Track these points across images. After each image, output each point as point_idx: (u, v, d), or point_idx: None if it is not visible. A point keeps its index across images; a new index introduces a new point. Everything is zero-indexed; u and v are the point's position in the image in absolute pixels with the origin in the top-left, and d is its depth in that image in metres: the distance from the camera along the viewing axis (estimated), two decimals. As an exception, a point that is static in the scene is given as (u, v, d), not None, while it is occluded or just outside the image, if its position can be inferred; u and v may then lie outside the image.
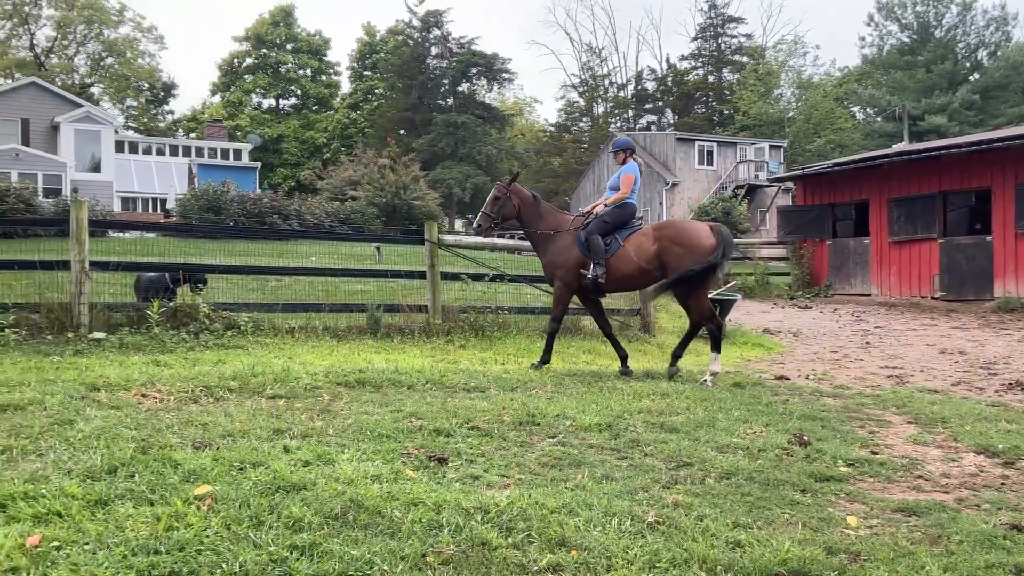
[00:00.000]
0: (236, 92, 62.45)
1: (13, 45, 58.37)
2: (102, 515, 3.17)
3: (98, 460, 3.80)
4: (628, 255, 7.82)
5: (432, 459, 4.21)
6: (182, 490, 3.46)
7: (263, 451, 4.11)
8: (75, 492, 3.35)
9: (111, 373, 6.09)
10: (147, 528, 3.05)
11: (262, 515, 3.23)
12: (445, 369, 7.08)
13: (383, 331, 9.58)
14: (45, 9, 57.54)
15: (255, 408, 5.17)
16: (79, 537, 2.94)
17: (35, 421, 4.52)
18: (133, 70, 59.91)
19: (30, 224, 15.62)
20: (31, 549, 2.80)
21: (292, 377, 6.15)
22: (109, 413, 4.80)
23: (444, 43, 57.42)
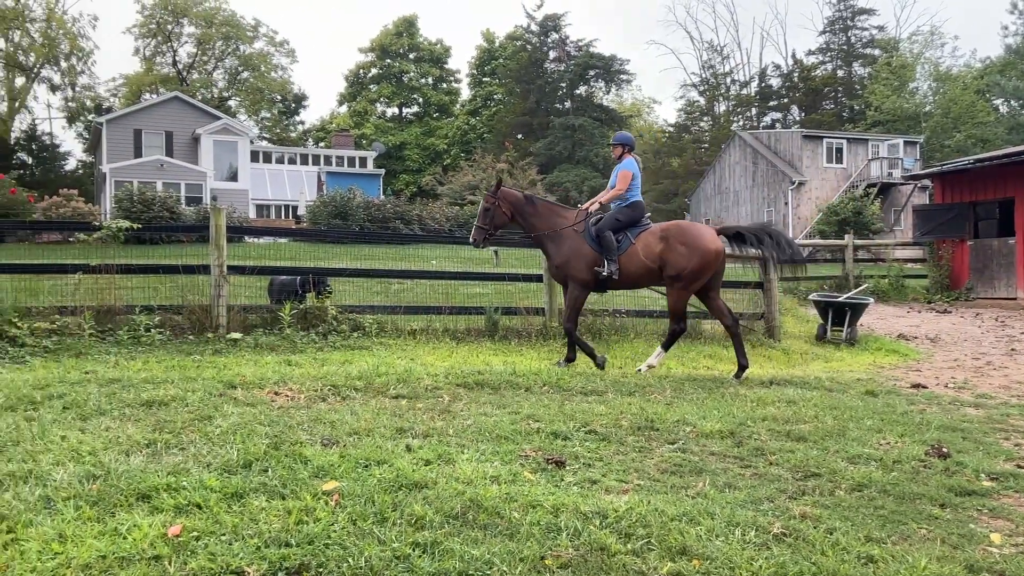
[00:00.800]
0: (362, 102, 64.63)
1: (158, 62, 62.49)
2: (238, 507, 3.33)
3: (234, 455, 4.01)
4: (637, 253, 7.86)
5: (550, 462, 4.22)
6: (311, 485, 3.60)
7: (387, 449, 4.23)
8: (213, 485, 3.54)
9: (247, 372, 6.41)
10: (279, 521, 3.18)
11: (386, 512, 3.32)
12: (562, 372, 7.09)
13: (501, 333, 9.68)
14: (186, 27, 61.30)
15: (379, 407, 5.32)
16: (216, 528, 3.10)
17: (177, 416, 4.81)
18: (267, 83, 62.96)
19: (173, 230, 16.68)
20: (173, 539, 2.98)
21: (414, 378, 6.29)
22: (245, 410, 5.05)
23: (562, 47, 57.57)
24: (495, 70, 64.39)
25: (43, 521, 3.10)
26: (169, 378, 6.02)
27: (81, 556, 2.80)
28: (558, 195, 45.18)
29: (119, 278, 8.73)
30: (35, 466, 3.73)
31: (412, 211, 29.44)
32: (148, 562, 2.80)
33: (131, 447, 4.13)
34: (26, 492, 3.39)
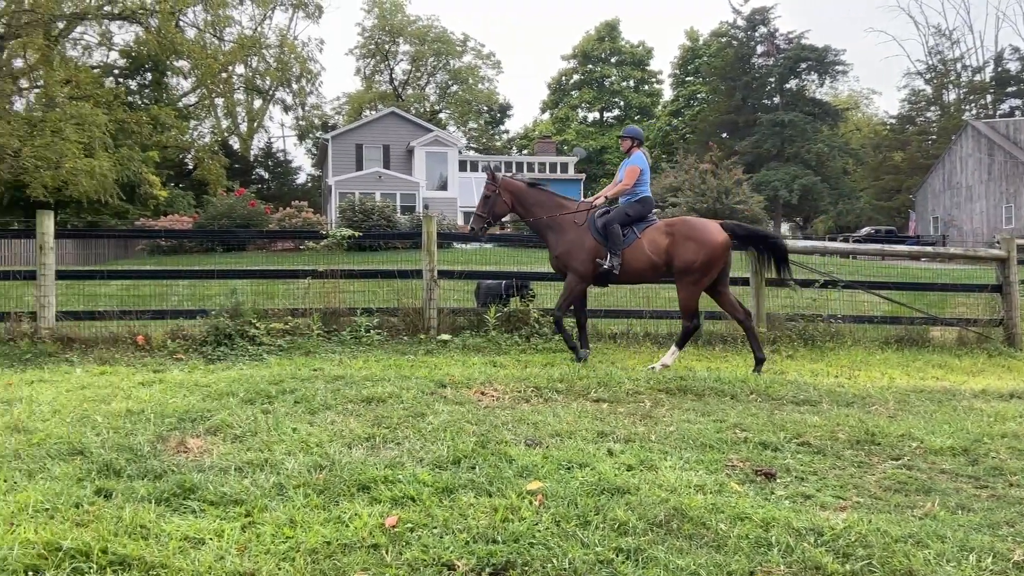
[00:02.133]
0: (563, 108, 65.56)
1: (376, 80, 66.75)
2: (448, 502, 3.47)
3: (444, 451, 4.18)
4: (642, 248, 7.80)
5: (759, 473, 4.05)
6: (516, 484, 3.68)
7: (589, 452, 4.24)
8: (426, 479, 3.71)
9: (456, 372, 6.68)
10: (486, 518, 3.28)
11: (589, 515, 3.33)
12: (771, 380, 6.79)
13: (704, 339, 9.43)
14: (402, 46, 65.01)
15: (581, 410, 5.35)
16: (428, 521, 3.24)
17: (393, 413, 5.09)
18: (474, 95, 65.43)
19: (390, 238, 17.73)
20: (390, 529, 3.15)
21: (615, 381, 6.27)
22: (454, 408, 5.26)
23: (771, 40, 55.30)
24: (699, 69, 63.03)
25: (276, 507, 3.38)
26: (386, 376, 6.39)
27: (309, 541, 3.02)
28: (766, 194, 43.42)
29: (342, 282, 9.39)
30: (270, 455, 4.09)
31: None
32: (368, 550, 2.98)
33: (353, 440, 4.42)
34: (262, 479, 3.72)
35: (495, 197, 8.17)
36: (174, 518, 3.24)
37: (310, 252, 9.63)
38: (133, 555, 2.85)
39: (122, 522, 3.15)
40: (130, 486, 3.59)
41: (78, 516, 3.22)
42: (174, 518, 3.24)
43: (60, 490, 3.50)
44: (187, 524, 3.16)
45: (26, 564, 2.76)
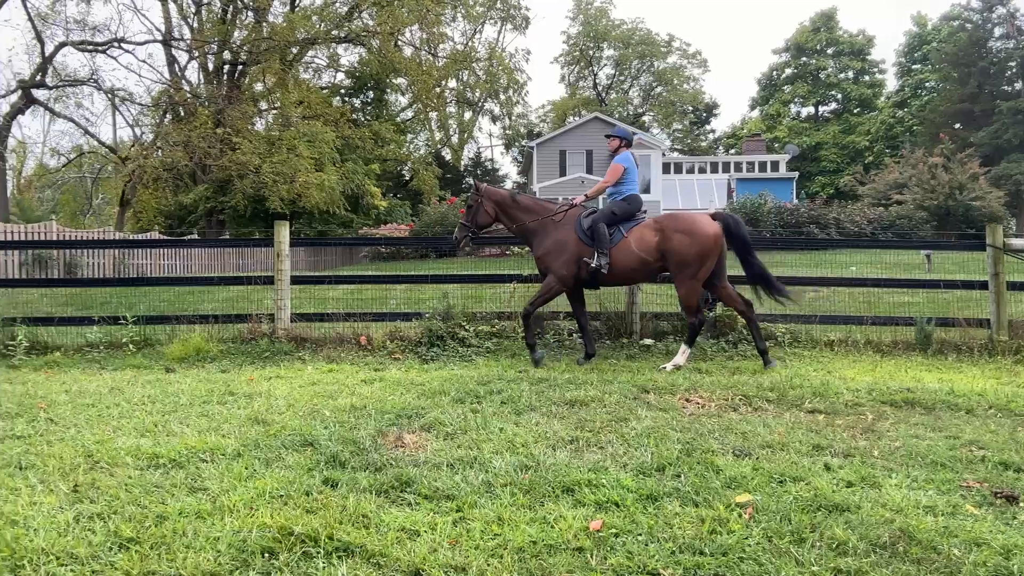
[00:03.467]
0: (775, 104, 62.88)
1: (580, 86, 67.41)
2: (652, 509, 3.43)
3: (648, 457, 4.13)
4: (629, 247, 7.66)
5: (998, 496, 3.66)
6: (724, 495, 3.56)
7: (803, 466, 4.03)
8: (629, 485, 3.68)
9: (658, 377, 6.59)
10: (692, 528, 3.20)
11: (803, 532, 3.16)
12: (1013, 393, 6.12)
13: (934, 347, 8.66)
14: (606, 51, 65.20)
15: (794, 421, 5.10)
16: (633, 528, 3.22)
17: (596, 416, 5.10)
18: (679, 95, 64.36)
19: (593, 242, 17.87)
20: (594, 533, 3.15)
21: (831, 392, 5.92)
22: (657, 415, 5.19)
23: (1011, 21, 49.97)
24: (927, 56, 58.17)
25: (485, 504, 3.49)
26: (588, 380, 6.42)
27: (516, 540, 3.09)
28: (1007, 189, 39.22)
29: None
30: (478, 453, 4.23)
31: (828, 214, 27.79)
32: (572, 553, 3.00)
33: (557, 442, 4.48)
34: (471, 476, 3.85)
35: (478, 207, 8.21)
36: (392, 509, 3.44)
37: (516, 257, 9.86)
38: (356, 543, 3.06)
39: (346, 511, 3.38)
40: (353, 477, 3.84)
41: (308, 503, 3.49)
42: (392, 509, 3.44)
43: (293, 478, 3.82)
44: (404, 516, 3.34)
45: (263, 546, 3.03)
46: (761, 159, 43.91)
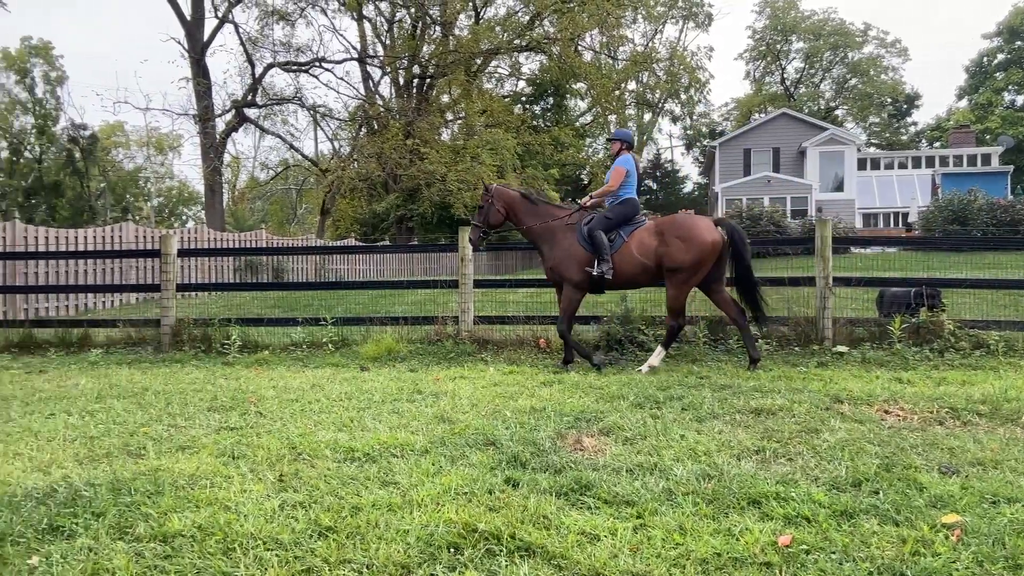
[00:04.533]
0: (985, 93, 57.63)
1: (766, 82, 64.91)
2: (847, 527, 3.23)
3: (843, 471, 3.90)
4: (631, 252, 7.59)
5: None
6: (928, 515, 3.31)
7: (1019, 486, 3.66)
8: (821, 500, 3.49)
9: (853, 386, 6.21)
10: (892, 548, 2.99)
11: (1019, 558, 2.87)
12: None
13: None
14: (794, 44, 62.42)
15: (1008, 437, 4.64)
16: (825, 545, 3.04)
17: (784, 426, 4.88)
18: (876, 87, 60.50)
19: (779, 244, 17.09)
20: (783, 548, 3.01)
21: (1057, 407, 5.34)
22: (852, 426, 4.89)
23: None
24: None
25: (666, 511, 3.43)
26: (776, 388, 6.16)
27: (699, 550, 3.01)
28: None
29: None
30: (659, 460, 4.16)
31: (1053, 211, 25.10)
32: (759, 567, 2.88)
33: (741, 452, 4.32)
34: (652, 483, 3.80)
35: (489, 207, 8.12)
36: (572, 512, 3.45)
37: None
38: (537, 543, 3.09)
39: (527, 511, 3.43)
40: (534, 478, 3.89)
41: (491, 502, 3.57)
42: (572, 512, 3.45)
43: (476, 476, 3.92)
44: (583, 519, 3.35)
45: (449, 541, 3.13)
46: (970, 152, 40.40)
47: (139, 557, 3.02)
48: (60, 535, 3.26)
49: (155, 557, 3.03)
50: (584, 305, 8.16)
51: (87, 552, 3.07)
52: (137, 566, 2.94)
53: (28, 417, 5.63)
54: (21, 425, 5.35)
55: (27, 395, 6.58)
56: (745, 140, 39.77)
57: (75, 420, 5.50)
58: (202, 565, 2.96)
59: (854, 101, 61.84)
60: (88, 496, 3.67)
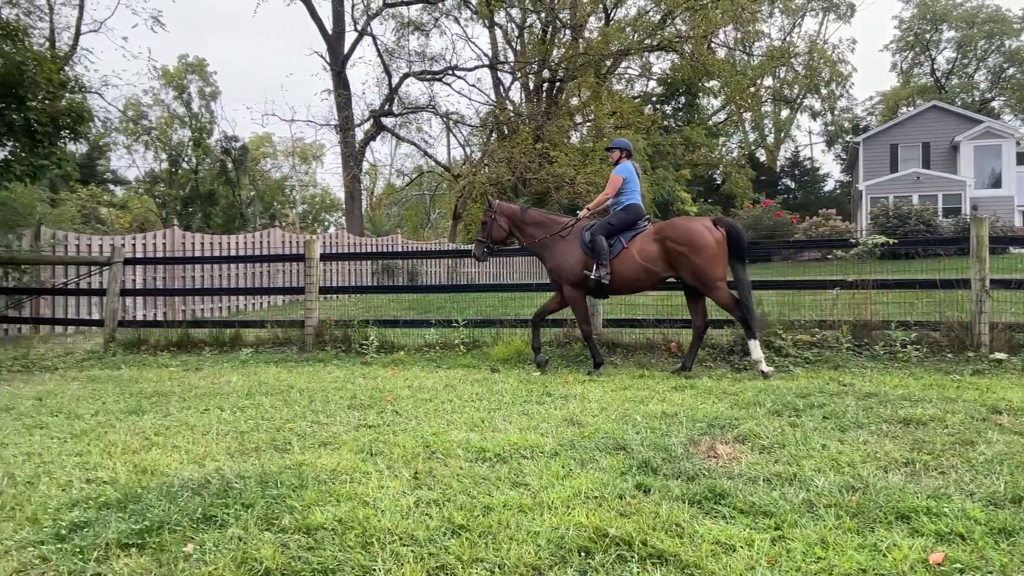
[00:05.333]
0: None
1: (915, 74, 61.37)
2: (1006, 545, 3.01)
3: (1001, 487, 3.64)
4: (632, 257, 7.75)
5: None
6: (1102, 540, 3.03)
7: None
8: (977, 516, 3.26)
9: (1013, 396, 5.77)
10: (1059, 574, 2.76)
11: None
12: None
13: None
14: (945, 33, 58.76)
15: None
16: (982, 564, 2.84)
17: (936, 438, 4.59)
18: (1037, 75, 56.16)
19: (929, 244, 16.10)
20: (934, 566, 2.84)
21: None
22: (1012, 439, 4.54)
23: None
24: None
25: (806, 524, 3.29)
26: (926, 397, 5.81)
27: (842, 565, 2.88)
28: None
29: (874, 293, 8.81)
30: (798, 470, 4.00)
31: None
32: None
33: (888, 464, 4.10)
34: (791, 493, 3.66)
35: (492, 222, 8.48)
36: (706, 520, 3.37)
37: (838, 262, 9.18)
38: (669, 551, 3.04)
39: (659, 518, 3.37)
40: (665, 484, 3.83)
41: (621, 507, 3.54)
42: (706, 520, 3.37)
43: (606, 481, 3.90)
44: (718, 529, 3.26)
45: (579, 545, 3.12)
46: None
47: (284, 548, 3.18)
48: (213, 524, 3.46)
49: (299, 548, 3.17)
50: (719, 309, 7.95)
51: (237, 541, 3.25)
52: (282, 556, 3.09)
53: (185, 412, 6.03)
54: (179, 419, 5.74)
55: (184, 391, 7.05)
56: (891, 135, 37.74)
57: (227, 415, 5.84)
58: (342, 558, 3.07)
59: (1012, 91, 57.52)
60: (238, 488, 3.89)
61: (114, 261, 11.20)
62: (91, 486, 4.04)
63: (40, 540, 3.31)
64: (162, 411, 6.10)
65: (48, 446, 4.98)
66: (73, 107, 12.99)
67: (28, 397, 6.94)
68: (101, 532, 3.34)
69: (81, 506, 3.70)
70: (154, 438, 5.12)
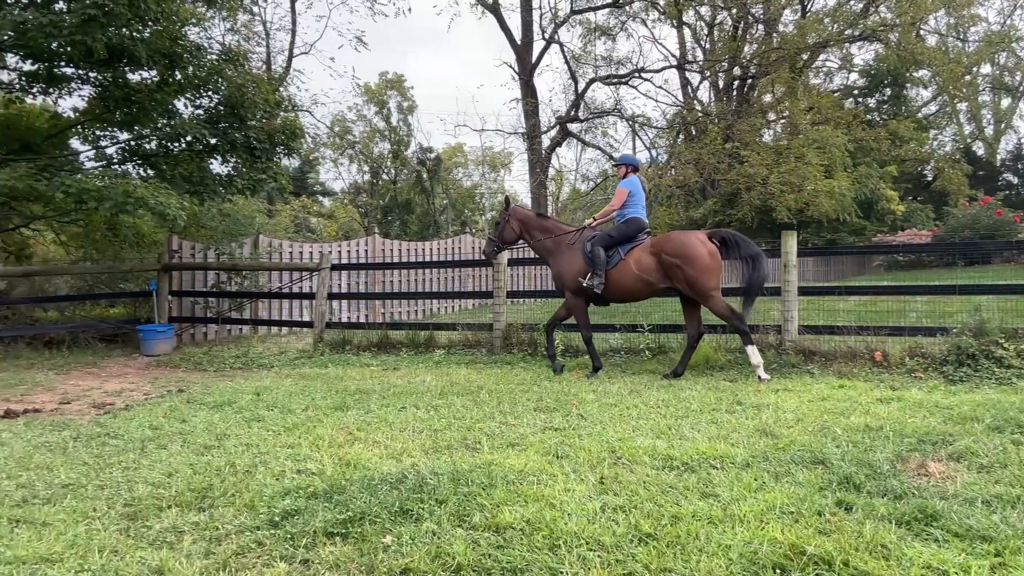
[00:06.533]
0: None
1: None
2: None
3: None
4: (629, 268, 8.08)
5: None
6: None
7: None
8: None
9: None
10: None
11: None
12: None
13: None
14: None
15: None
16: None
17: None
18: None
19: None
20: None
21: None
22: None
23: None
24: None
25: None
26: None
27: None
28: None
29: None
30: (1022, 492, 3.63)
31: None
32: None
33: None
34: (1014, 518, 3.32)
35: (505, 224, 8.94)
36: (915, 543, 3.13)
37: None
38: (874, 573, 2.84)
39: (862, 538, 3.16)
40: (869, 502, 3.59)
41: (820, 524, 3.35)
42: (915, 543, 3.13)
43: (803, 496, 3.71)
44: (929, 552, 3.01)
45: (773, 561, 2.99)
46: None
47: (475, 545, 3.27)
48: (409, 518, 3.62)
49: (489, 546, 3.25)
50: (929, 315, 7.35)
51: (431, 536, 3.39)
52: (473, 553, 3.18)
53: (384, 409, 6.37)
54: (379, 416, 6.07)
55: (383, 389, 7.45)
56: None
57: (422, 414, 6.11)
58: (530, 558, 3.12)
59: None
60: (432, 484, 4.05)
61: (322, 267, 12.02)
62: (301, 477, 4.35)
63: (256, 525, 3.60)
64: (364, 408, 6.47)
65: (264, 438, 5.42)
66: (287, 125, 14.11)
67: (247, 392, 7.59)
68: (309, 521, 3.59)
69: (292, 495, 3.99)
70: (357, 433, 5.44)
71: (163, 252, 13.62)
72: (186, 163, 13.34)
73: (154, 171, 13.42)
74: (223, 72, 12.94)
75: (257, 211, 27.55)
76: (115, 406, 7.18)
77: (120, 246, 14.81)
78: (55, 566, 3.18)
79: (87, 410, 7.05)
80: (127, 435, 5.66)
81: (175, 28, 11.87)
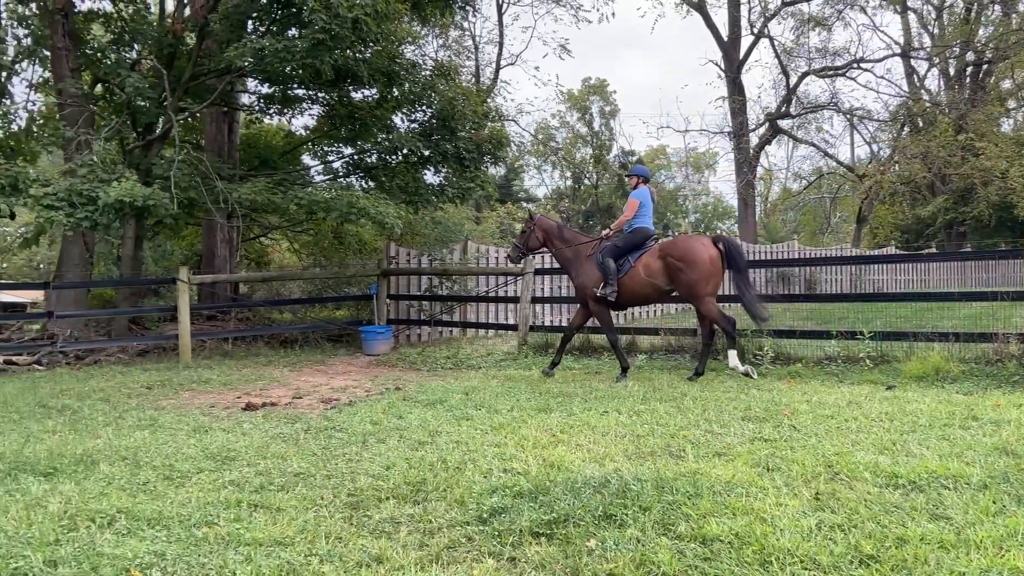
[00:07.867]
0: None
1: None
2: None
3: None
4: (639, 274, 8.65)
5: None
6: None
7: None
8: None
9: None
10: None
11: None
12: None
13: None
14: None
15: None
16: None
17: None
18: None
19: None
20: None
21: None
22: None
23: None
24: None
25: None
26: None
27: None
28: None
29: None
30: None
31: None
32: None
33: None
34: None
35: (530, 233, 9.48)
36: None
37: None
38: None
39: None
40: None
41: (1075, 558, 2.98)
42: None
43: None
44: None
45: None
46: None
47: (680, 555, 3.20)
48: (612, 523, 3.61)
49: (695, 557, 3.17)
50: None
51: (635, 543, 3.35)
52: (679, 563, 3.11)
53: (586, 413, 6.40)
54: (581, 419, 6.11)
55: (585, 393, 7.49)
56: None
57: (624, 418, 6.08)
58: (739, 573, 3.01)
59: None
60: (636, 490, 4.02)
61: (526, 272, 12.29)
62: (507, 475, 4.47)
63: (466, 521, 3.74)
64: (566, 410, 6.54)
65: (472, 436, 5.62)
66: (494, 134, 14.60)
67: (457, 391, 7.91)
68: (516, 519, 3.67)
69: (499, 493, 4.10)
70: (560, 435, 5.51)
71: (382, 258, 14.51)
72: (402, 174, 14.15)
73: (374, 183, 14.36)
74: (436, 87, 13.61)
75: (465, 218, 28.66)
76: (340, 401, 7.74)
77: (345, 253, 15.99)
78: (287, 549, 3.46)
79: (316, 405, 7.64)
80: (351, 429, 6.07)
81: (393, 47, 12.63)
